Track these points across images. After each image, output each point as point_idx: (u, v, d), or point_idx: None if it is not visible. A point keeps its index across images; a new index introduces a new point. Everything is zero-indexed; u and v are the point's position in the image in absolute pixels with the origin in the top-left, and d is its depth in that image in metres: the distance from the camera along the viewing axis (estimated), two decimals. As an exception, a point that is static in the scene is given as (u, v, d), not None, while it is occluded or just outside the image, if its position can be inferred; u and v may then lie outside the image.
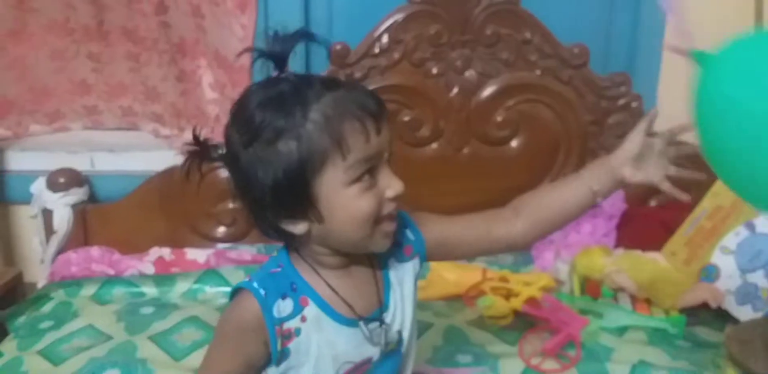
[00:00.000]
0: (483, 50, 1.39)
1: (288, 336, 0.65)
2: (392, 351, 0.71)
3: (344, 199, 0.61)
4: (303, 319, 0.66)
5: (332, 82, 0.63)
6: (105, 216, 1.39)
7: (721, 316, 1.12)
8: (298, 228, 0.63)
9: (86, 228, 1.38)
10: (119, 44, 1.50)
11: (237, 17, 1.39)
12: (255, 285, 0.65)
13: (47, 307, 1.22)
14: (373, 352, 0.69)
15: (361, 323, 0.67)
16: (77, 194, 1.37)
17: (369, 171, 0.62)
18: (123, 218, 1.38)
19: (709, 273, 1.16)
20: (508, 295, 1.13)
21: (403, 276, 0.72)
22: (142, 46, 1.49)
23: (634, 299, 1.16)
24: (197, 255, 1.32)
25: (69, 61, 1.52)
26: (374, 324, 0.68)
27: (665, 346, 1.05)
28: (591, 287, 1.19)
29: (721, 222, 1.19)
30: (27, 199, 1.41)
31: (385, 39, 1.37)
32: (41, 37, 1.49)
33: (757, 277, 1.10)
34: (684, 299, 1.12)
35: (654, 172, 0.73)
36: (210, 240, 1.39)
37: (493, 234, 0.75)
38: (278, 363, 0.67)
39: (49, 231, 1.37)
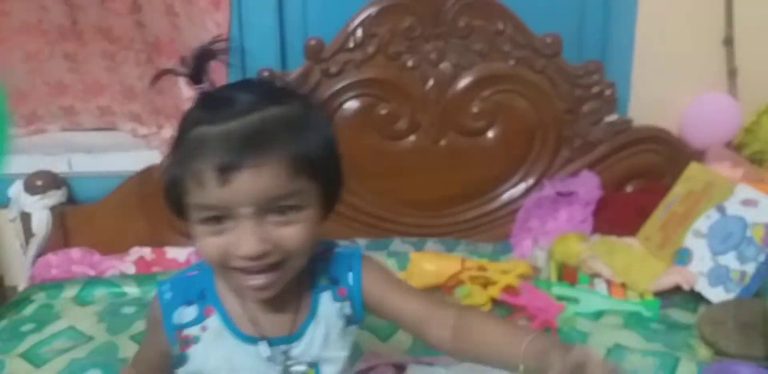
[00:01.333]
0: (457, 42, 1.39)
1: (187, 342, 0.66)
2: None
3: (197, 233, 0.60)
4: (203, 329, 0.66)
5: (234, 108, 0.59)
6: (84, 217, 1.39)
7: (694, 298, 1.14)
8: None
9: (65, 230, 1.38)
10: (94, 43, 1.50)
11: (211, 14, 1.39)
12: (165, 288, 0.67)
13: (28, 310, 1.21)
14: None
15: (262, 343, 0.65)
16: (55, 196, 1.37)
17: (219, 218, 0.58)
18: (103, 219, 1.38)
19: (683, 257, 1.18)
20: (486, 284, 1.15)
21: (332, 314, 0.68)
22: (118, 45, 1.49)
23: (609, 284, 1.18)
24: (178, 254, 1.33)
25: (44, 62, 1.51)
26: (277, 349, 0.66)
27: (640, 329, 1.07)
28: (568, 273, 1.21)
29: (693, 206, 1.21)
30: (4, 203, 1.41)
31: (359, 33, 1.37)
32: (14, 40, 1.49)
33: (728, 259, 1.12)
34: (658, 282, 1.14)
35: None
36: (190, 238, 1.38)
37: (425, 328, 0.67)
38: (176, 365, 0.68)
39: (28, 234, 1.37)
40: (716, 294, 1.11)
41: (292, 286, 0.66)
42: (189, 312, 0.66)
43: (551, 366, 0.56)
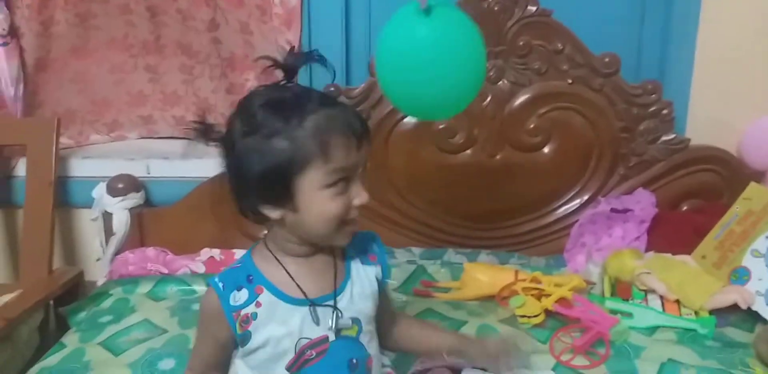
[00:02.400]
0: (516, 60, 1.43)
1: (246, 320, 0.76)
2: (351, 338, 0.78)
3: (319, 199, 0.71)
4: (258, 305, 0.76)
5: (329, 99, 0.74)
6: (160, 219, 1.48)
7: (751, 318, 1.14)
8: (274, 213, 0.74)
9: (142, 230, 1.47)
10: (174, 57, 1.61)
11: (283, 33, 1.48)
12: (216, 280, 0.77)
13: (107, 303, 1.30)
14: (327, 332, 0.77)
15: (310, 304, 0.76)
16: (134, 198, 1.47)
17: (344, 179, 0.72)
18: (176, 221, 1.47)
19: (740, 276, 1.18)
20: (540, 295, 1.17)
21: (364, 276, 0.81)
22: (195, 59, 1.60)
23: (664, 300, 1.19)
24: (245, 255, 1.40)
25: (127, 73, 1.63)
26: (324, 307, 0.77)
27: (694, 346, 1.08)
28: (622, 288, 1.22)
29: (752, 227, 1.21)
30: (88, 203, 1.51)
31: (421, 51, 1.43)
32: (102, 53, 1.61)
33: (787, 280, 1.12)
34: (714, 300, 1.15)
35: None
36: (257, 241, 1.47)
37: (387, 323, 0.87)
38: (242, 344, 0.77)
39: (108, 233, 1.47)
40: (774, 314, 1.11)
41: (330, 256, 0.79)
42: (241, 295, 0.76)
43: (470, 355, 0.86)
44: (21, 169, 1.52)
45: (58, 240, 1.56)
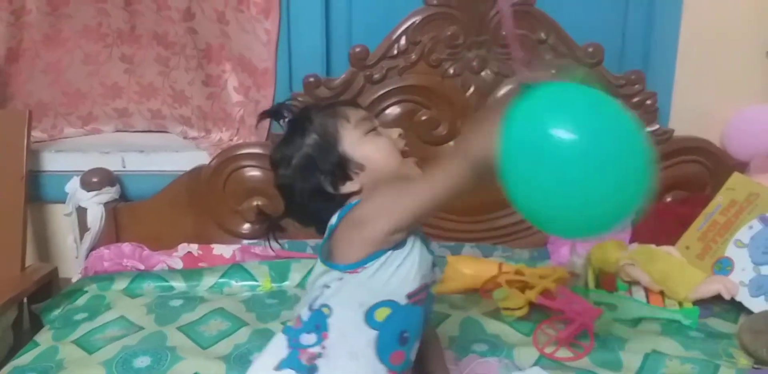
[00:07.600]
0: (498, 50, 1.42)
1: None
2: (430, 295, 0.82)
3: (369, 143, 0.80)
4: None
5: (323, 104, 0.86)
6: (135, 213, 1.44)
7: (734, 308, 1.14)
8: (353, 186, 0.79)
9: (118, 225, 1.44)
10: (150, 48, 1.56)
11: (261, 23, 1.45)
12: None
13: (81, 300, 1.27)
14: (431, 281, 0.81)
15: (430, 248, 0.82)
16: (109, 193, 1.43)
17: (372, 130, 0.81)
18: (153, 215, 1.44)
19: (723, 266, 1.17)
20: (524, 288, 1.16)
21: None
22: (171, 50, 1.56)
23: (648, 291, 1.18)
24: (223, 250, 1.37)
25: (101, 65, 1.59)
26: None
27: (678, 337, 1.07)
28: (606, 280, 1.21)
29: (735, 217, 1.21)
30: (62, 198, 1.47)
31: (403, 41, 1.40)
32: (75, 42, 1.56)
33: (770, 270, 1.12)
34: (698, 291, 1.14)
35: None
36: (235, 236, 1.44)
37: None
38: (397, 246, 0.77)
39: (83, 228, 1.43)
40: (757, 304, 1.11)
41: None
42: None
43: None
44: (-9, 163, 1.47)
45: (30, 236, 1.52)
